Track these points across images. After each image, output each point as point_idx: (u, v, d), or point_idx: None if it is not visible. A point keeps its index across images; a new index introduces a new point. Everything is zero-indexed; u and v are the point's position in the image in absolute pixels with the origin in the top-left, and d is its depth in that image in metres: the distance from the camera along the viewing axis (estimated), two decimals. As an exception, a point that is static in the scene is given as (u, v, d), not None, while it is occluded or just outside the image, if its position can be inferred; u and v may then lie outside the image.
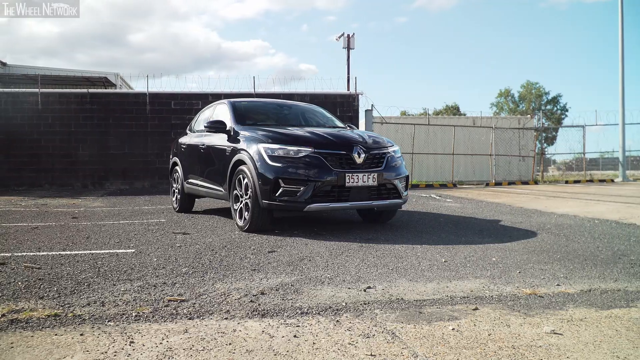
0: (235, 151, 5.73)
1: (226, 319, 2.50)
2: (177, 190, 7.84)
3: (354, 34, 17.14)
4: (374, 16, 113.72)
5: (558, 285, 3.22)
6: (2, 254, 4.18)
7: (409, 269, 3.67)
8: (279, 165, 5.13)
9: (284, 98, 15.54)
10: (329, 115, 7.14)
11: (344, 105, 15.85)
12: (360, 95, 15.93)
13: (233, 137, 5.93)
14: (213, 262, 3.85)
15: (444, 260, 3.96)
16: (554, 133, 55.20)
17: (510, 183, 16.84)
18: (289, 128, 5.81)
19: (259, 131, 5.62)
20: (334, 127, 6.48)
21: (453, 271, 3.60)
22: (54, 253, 4.24)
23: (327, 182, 5.08)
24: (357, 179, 5.18)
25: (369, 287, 3.14)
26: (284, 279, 3.33)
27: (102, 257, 4.07)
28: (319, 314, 2.59)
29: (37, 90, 14.57)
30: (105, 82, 25.27)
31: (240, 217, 5.59)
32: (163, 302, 2.78)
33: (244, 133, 5.76)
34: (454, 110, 60.00)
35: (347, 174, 5.13)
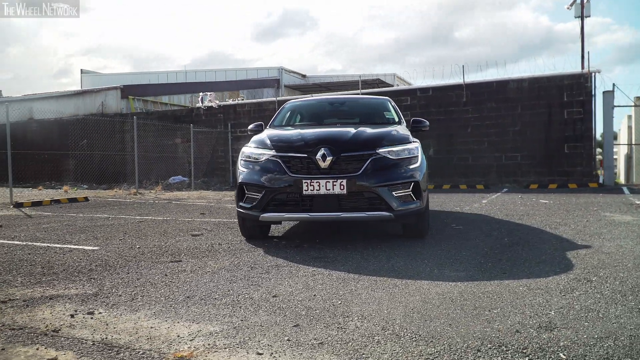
0: None
1: None
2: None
3: (589, -3, 13.68)
4: None
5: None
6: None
7: (212, 300, 2.94)
8: (246, 170, 4.78)
9: (497, 84, 13.70)
10: (388, 109, 6.11)
11: (573, 89, 12.81)
12: (595, 74, 12.62)
13: None
14: (107, 269, 3.91)
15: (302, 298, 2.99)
16: None
17: None
18: (288, 129, 5.28)
19: (262, 134, 5.29)
20: (370, 125, 5.41)
21: (249, 310, 2.71)
22: (34, 244, 4.99)
23: (282, 190, 4.44)
24: (319, 186, 4.32)
25: (90, 313, 2.69)
26: (78, 291, 3.16)
27: (52, 251, 4.62)
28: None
29: (276, 99, 16.88)
30: (378, 82, 27.65)
31: None
32: None
33: None
34: None
35: (304, 181, 4.35)
